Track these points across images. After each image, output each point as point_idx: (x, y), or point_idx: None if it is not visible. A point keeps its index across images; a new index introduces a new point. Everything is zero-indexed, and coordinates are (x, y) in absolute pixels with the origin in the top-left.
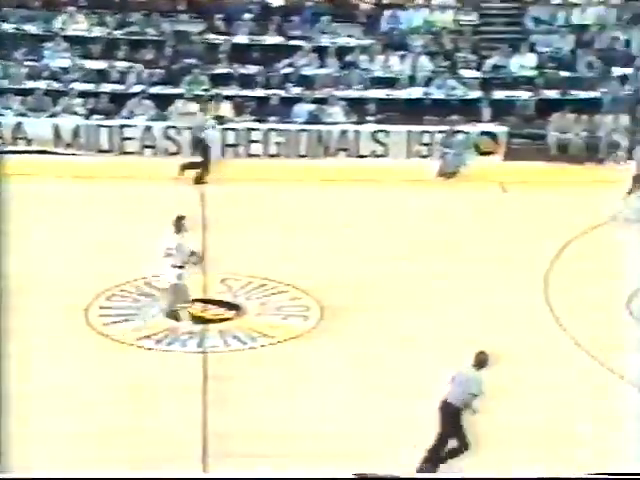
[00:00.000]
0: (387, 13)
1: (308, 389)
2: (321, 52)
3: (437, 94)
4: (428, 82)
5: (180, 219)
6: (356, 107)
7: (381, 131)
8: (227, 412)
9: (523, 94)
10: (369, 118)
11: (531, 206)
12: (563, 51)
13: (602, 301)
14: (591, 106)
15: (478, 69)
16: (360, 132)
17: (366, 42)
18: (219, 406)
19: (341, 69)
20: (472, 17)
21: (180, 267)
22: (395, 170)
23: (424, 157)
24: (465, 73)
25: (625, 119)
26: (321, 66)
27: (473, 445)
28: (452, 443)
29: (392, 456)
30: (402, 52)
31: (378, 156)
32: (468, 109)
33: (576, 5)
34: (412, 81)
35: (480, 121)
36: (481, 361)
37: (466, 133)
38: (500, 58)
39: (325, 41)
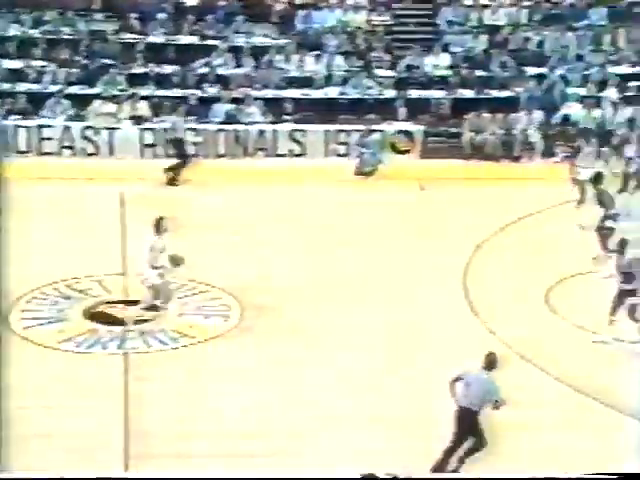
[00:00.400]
0: (301, 13)
1: (229, 389)
2: (237, 52)
3: (353, 93)
4: (344, 82)
5: (160, 220)
6: (273, 107)
7: (298, 130)
8: (149, 413)
9: (438, 93)
10: (286, 117)
11: (448, 204)
12: (476, 51)
13: (521, 295)
14: (506, 105)
15: (393, 69)
16: (278, 132)
17: (281, 42)
18: (140, 407)
19: (257, 69)
20: (385, 17)
21: (158, 267)
22: (313, 169)
23: (341, 156)
24: (380, 73)
25: (539, 117)
26: (237, 66)
27: None
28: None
29: (313, 455)
30: (317, 52)
31: (296, 155)
32: (384, 108)
33: (487, 6)
34: (328, 81)
35: (396, 120)
36: (491, 362)
37: (382, 132)
38: (414, 58)
39: (240, 41)
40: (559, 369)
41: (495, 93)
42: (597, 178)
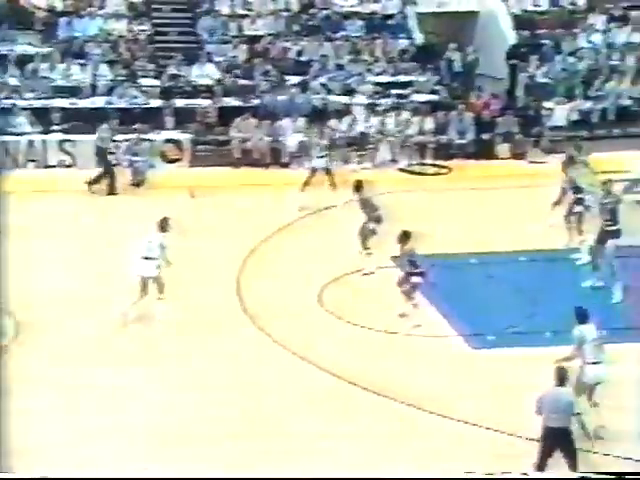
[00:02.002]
0: (63, 20)
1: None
2: (1, 60)
3: (119, 103)
4: (110, 91)
5: (165, 220)
6: (41, 116)
7: (67, 140)
8: None
9: (203, 102)
10: (55, 128)
11: (220, 210)
12: (238, 60)
13: (294, 295)
14: (270, 112)
15: (157, 78)
16: (47, 142)
17: (45, 50)
18: None
19: (23, 78)
20: (146, 26)
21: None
22: (84, 179)
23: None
24: (145, 82)
25: (302, 124)
26: (2, 74)
27: None
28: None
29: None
30: (82, 60)
31: (67, 166)
32: (151, 117)
33: (246, 16)
34: (94, 90)
35: (164, 129)
36: (563, 377)
37: (151, 141)
38: (177, 67)
39: (3, 49)
40: (331, 362)
41: (258, 101)
42: (358, 186)
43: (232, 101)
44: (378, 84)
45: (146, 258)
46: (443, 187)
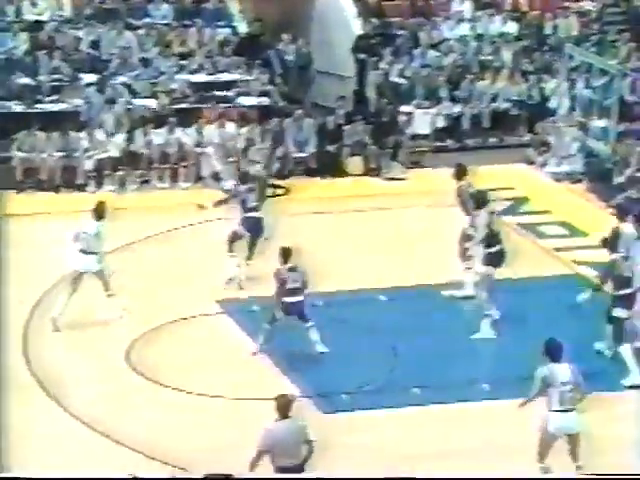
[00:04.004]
0: None
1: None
2: None
3: None
4: None
5: (101, 204)
6: None
7: None
8: None
9: None
10: None
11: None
12: (18, 52)
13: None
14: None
15: None
16: None
17: None
18: None
19: None
20: None
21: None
22: None
23: None
24: None
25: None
26: None
27: None
28: None
29: None
30: None
31: None
32: None
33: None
34: None
35: None
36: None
37: None
38: None
39: None
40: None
41: (48, 106)
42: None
43: (12, 106)
44: (194, 84)
45: (84, 252)
46: (278, 211)
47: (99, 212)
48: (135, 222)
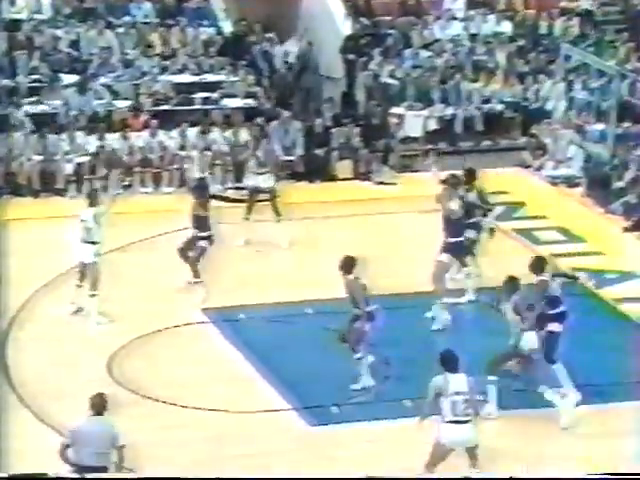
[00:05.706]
0: None
1: None
2: None
3: None
4: None
5: (93, 192)
6: None
7: None
8: None
9: None
10: None
11: None
12: None
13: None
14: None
15: None
16: None
17: None
18: None
19: None
20: None
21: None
22: None
23: None
24: None
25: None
26: None
27: None
28: None
29: None
30: None
31: None
32: None
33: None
34: None
35: None
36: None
37: None
38: None
39: None
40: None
41: (30, 108)
42: None
43: None
44: (178, 85)
45: (84, 242)
46: (264, 217)
47: (92, 199)
48: (117, 228)
